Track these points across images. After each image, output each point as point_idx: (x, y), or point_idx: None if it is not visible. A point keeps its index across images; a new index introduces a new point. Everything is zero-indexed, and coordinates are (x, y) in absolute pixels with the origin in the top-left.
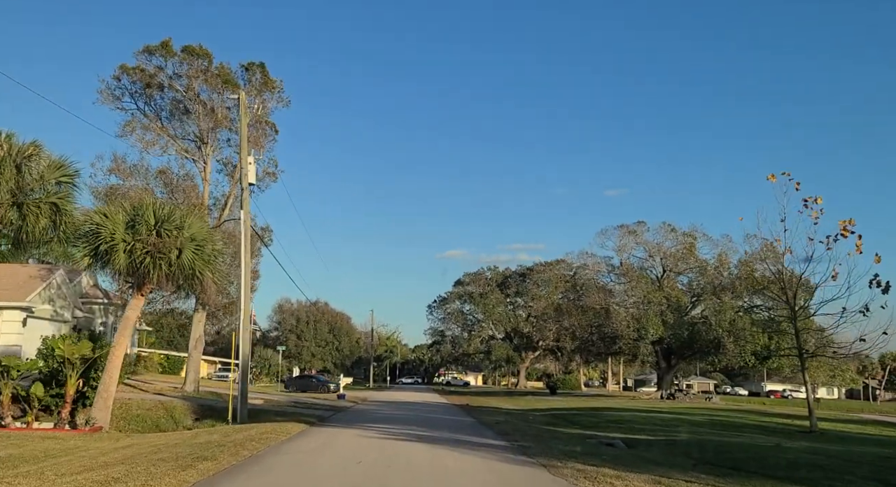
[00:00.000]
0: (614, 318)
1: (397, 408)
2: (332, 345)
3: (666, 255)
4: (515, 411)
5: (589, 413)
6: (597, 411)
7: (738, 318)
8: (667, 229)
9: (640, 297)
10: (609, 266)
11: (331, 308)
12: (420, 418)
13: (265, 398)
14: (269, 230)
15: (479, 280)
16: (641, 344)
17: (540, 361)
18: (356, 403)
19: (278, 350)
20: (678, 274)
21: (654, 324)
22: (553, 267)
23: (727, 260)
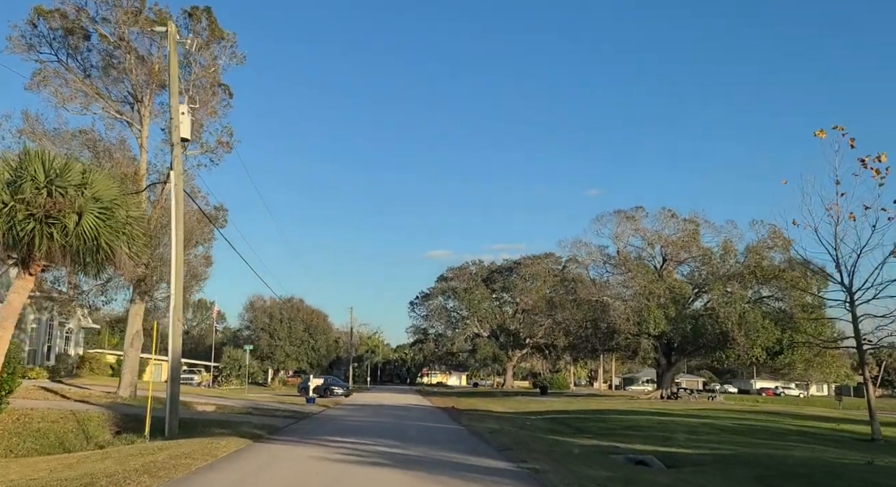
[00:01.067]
0: (612, 312)
1: (373, 413)
2: (308, 344)
3: (666, 243)
4: (509, 415)
5: (594, 418)
6: (601, 414)
7: (749, 310)
8: (667, 215)
9: (640, 288)
10: (605, 255)
11: (306, 305)
12: (398, 427)
13: (221, 403)
14: (223, 210)
15: (464, 274)
16: (642, 340)
17: (526, 359)
18: (326, 408)
19: (245, 349)
20: (679, 264)
21: (657, 318)
22: (541, 260)
23: (733, 248)
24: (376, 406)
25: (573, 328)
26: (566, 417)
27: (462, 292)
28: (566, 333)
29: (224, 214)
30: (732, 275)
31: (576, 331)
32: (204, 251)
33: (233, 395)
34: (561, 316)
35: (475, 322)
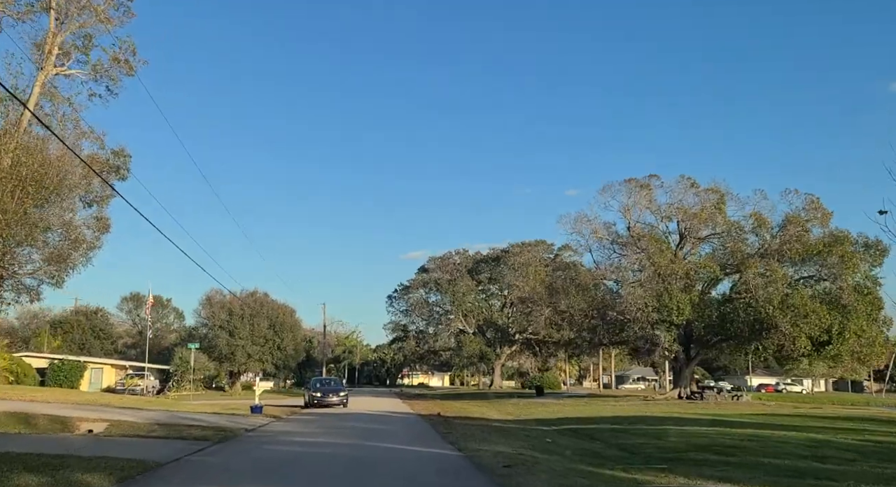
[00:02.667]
0: (626, 297)
1: (333, 429)
2: (273, 343)
3: (686, 216)
4: (512, 425)
5: (636, 431)
6: (637, 424)
7: (793, 292)
8: (685, 184)
9: (659, 269)
10: (612, 233)
11: (271, 299)
12: (357, 462)
13: (121, 419)
14: (123, 155)
15: (447, 265)
16: (662, 330)
17: (514, 358)
18: (274, 419)
19: (189, 348)
20: (701, 241)
21: (681, 303)
22: (532, 247)
23: (768, 221)
24: (344, 415)
25: (578, 317)
26: (592, 429)
27: (445, 284)
28: (570, 323)
29: (126, 162)
30: (769, 252)
31: (580, 321)
32: (96, 211)
33: (162, 405)
34: (565, 304)
35: (460, 317)
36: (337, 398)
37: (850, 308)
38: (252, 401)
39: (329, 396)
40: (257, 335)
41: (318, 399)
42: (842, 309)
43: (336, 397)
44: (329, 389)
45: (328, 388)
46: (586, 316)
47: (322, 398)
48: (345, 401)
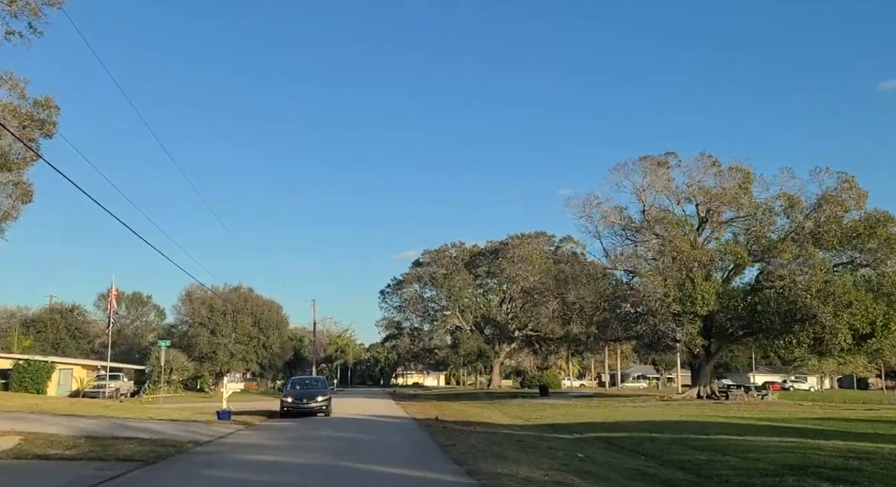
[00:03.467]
0: (643, 287)
1: (308, 441)
2: (258, 342)
3: (708, 197)
4: (524, 431)
5: (682, 440)
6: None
7: (836, 278)
8: (706, 162)
9: (682, 255)
10: (625, 218)
11: (256, 294)
12: None
13: (39, 432)
14: (49, 107)
15: (442, 258)
16: (685, 322)
17: (513, 355)
18: (242, 428)
19: (160, 345)
20: (724, 225)
21: (705, 293)
22: (531, 239)
23: (801, 201)
24: (322, 422)
25: (588, 310)
26: (625, 438)
27: (441, 278)
28: (580, 316)
29: (51, 114)
30: (801, 235)
31: (590, 314)
32: (14, 177)
33: (119, 410)
34: (574, 295)
35: (456, 313)
36: (316, 403)
37: (894, 297)
38: (239, 405)
39: (305, 402)
40: (241, 332)
41: (292, 405)
42: (885, 298)
43: (315, 402)
44: (306, 392)
45: (305, 391)
46: (597, 308)
47: (296, 404)
48: (326, 407)
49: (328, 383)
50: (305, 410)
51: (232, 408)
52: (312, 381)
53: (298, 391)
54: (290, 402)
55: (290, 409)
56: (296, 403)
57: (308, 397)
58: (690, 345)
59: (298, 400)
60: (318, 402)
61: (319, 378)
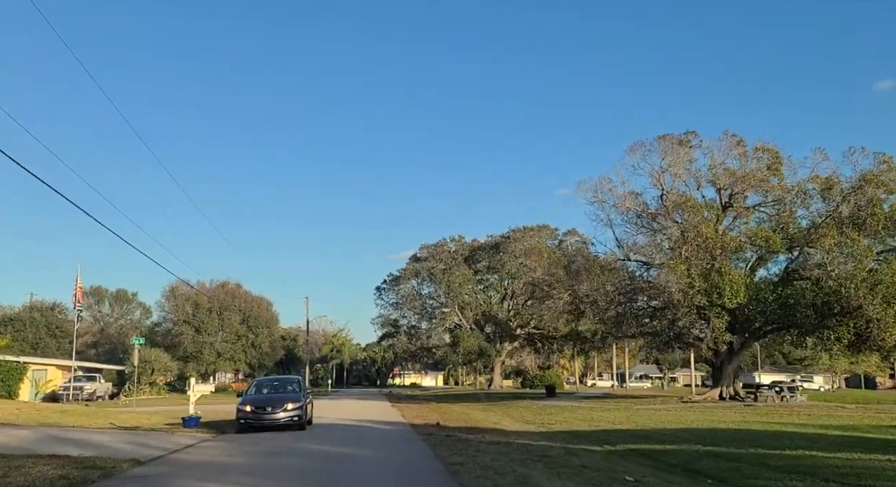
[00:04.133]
0: (664, 277)
1: (275, 459)
2: (246, 340)
3: (734, 180)
4: (542, 440)
5: (751, 457)
6: (732, 441)
7: (884, 266)
8: (730, 142)
9: (708, 242)
10: (640, 204)
11: (244, 290)
12: None
13: None
14: None
15: (441, 253)
16: (710, 317)
17: (514, 355)
18: (207, 439)
19: (133, 343)
20: (750, 210)
21: (735, 284)
22: (534, 233)
23: (839, 182)
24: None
25: (602, 303)
26: (675, 452)
27: (439, 274)
28: (593, 310)
29: None
30: (839, 220)
31: (604, 308)
32: None
33: (70, 417)
34: (588, 287)
35: (455, 310)
36: (285, 413)
37: None
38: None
39: (271, 411)
40: (228, 331)
41: (251, 416)
42: None
43: (283, 411)
44: (272, 399)
45: (271, 397)
46: (611, 301)
47: (258, 415)
48: (299, 418)
49: (303, 385)
50: (270, 422)
51: (201, 413)
52: (283, 383)
53: (262, 396)
54: (248, 412)
55: (250, 422)
56: (257, 413)
57: (274, 404)
58: (717, 342)
59: (261, 409)
60: (289, 412)
61: (293, 378)
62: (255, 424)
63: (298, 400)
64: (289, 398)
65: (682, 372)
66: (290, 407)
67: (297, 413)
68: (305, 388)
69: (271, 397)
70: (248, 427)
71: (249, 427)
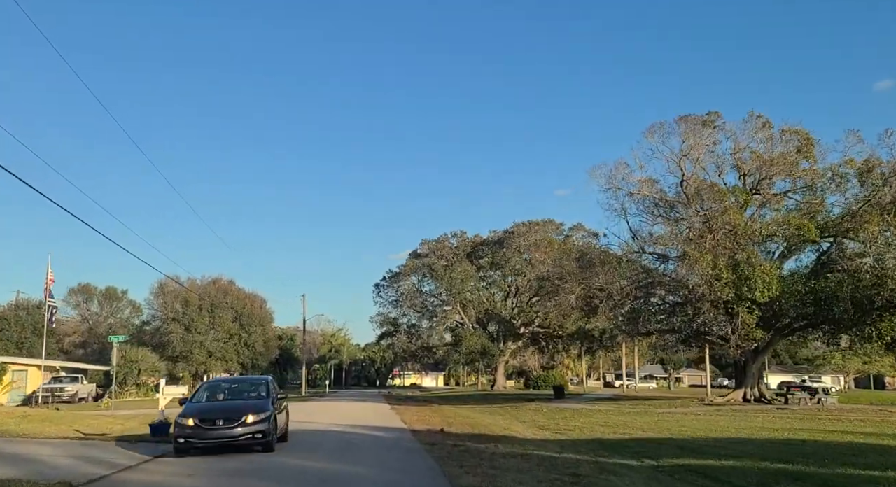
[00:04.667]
0: (690, 268)
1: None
2: (239, 339)
3: (761, 164)
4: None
5: (838, 479)
6: (800, 454)
7: None
8: (755, 124)
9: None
10: (658, 191)
11: (237, 287)
12: None
13: None
14: None
15: (442, 248)
16: (739, 312)
17: (517, 354)
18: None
19: (112, 340)
20: (778, 197)
21: (766, 276)
22: (539, 227)
23: (879, 163)
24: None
25: (617, 297)
26: (744, 471)
27: (440, 270)
28: (609, 304)
29: None
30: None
31: (619, 300)
32: None
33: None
34: (603, 279)
35: (457, 307)
36: (244, 428)
37: None
38: None
39: (222, 425)
40: (220, 329)
41: (191, 434)
42: None
43: (242, 426)
44: (225, 409)
45: (224, 407)
46: (626, 295)
47: (202, 431)
48: (265, 435)
49: (274, 389)
50: (221, 441)
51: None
52: (244, 386)
53: (213, 405)
54: (190, 427)
55: (192, 441)
56: (203, 429)
57: (229, 416)
58: (747, 339)
59: (209, 423)
60: (250, 426)
61: (260, 379)
62: (199, 444)
63: (264, 409)
64: (250, 407)
65: (688, 373)
66: (250, 420)
67: (262, 429)
68: (277, 392)
69: (226, 406)
70: (188, 448)
71: (192, 447)
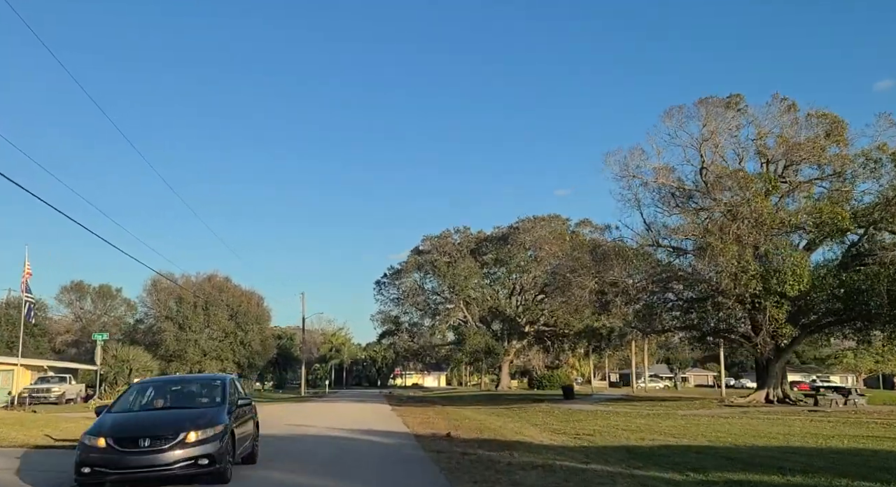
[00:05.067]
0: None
1: None
2: (234, 338)
3: (787, 149)
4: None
5: None
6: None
7: None
8: (780, 107)
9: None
10: (676, 180)
11: (233, 284)
12: None
13: None
14: None
15: (445, 245)
16: (767, 307)
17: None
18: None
19: (95, 338)
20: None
21: (799, 268)
22: (546, 222)
23: None
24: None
25: (632, 291)
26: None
27: (443, 267)
28: (623, 298)
29: None
30: None
31: (634, 296)
32: None
33: None
34: (619, 271)
35: (461, 305)
36: (182, 450)
37: None
38: None
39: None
40: (215, 327)
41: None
42: None
43: (179, 448)
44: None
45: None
46: (642, 290)
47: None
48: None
49: (233, 392)
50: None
51: None
52: (191, 388)
53: (136, 418)
54: (100, 450)
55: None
56: (117, 454)
57: (158, 433)
58: (775, 336)
59: (128, 445)
60: (190, 448)
61: (213, 378)
62: (113, 474)
63: (214, 421)
64: (192, 419)
65: (693, 372)
66: (192, 439)
67: (208, 451)
68: (240, 396)
69: (156, 418)
70: (98, 477)
71: (104, 475)
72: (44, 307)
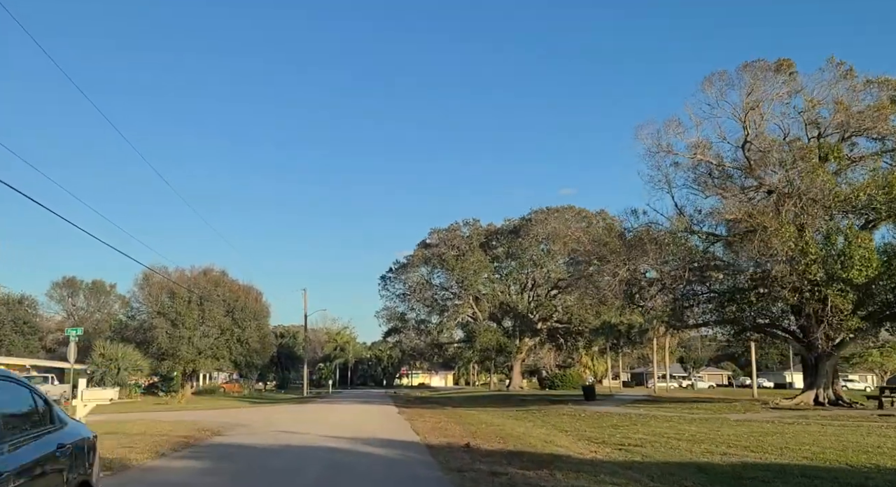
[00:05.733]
0: (767, 240)
1: None
2: (231, 335)
3: (847, 118)
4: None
5: None
6: None
7: None
8: (836, 73)
9: (823, 196)
10: (715, 156)
11: (230, 279)
12: None
13: None
14: None
15: (453, 238)
16: (833, 294)
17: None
18: None
19: (69, 334)
20: (874, 156)
21: (868, 249)
22: (560, 213)
23: None
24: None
25: (668, 279)
26: None
27: (452, 261)
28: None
29: None
30: None
31: (670, 285)
32: None
33: None
34: (654, 258)
35: (470, 301)
36: None
37: None
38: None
39: None
40: (210, 324)
41: None
42: None
43: None
44: None
45: None
46: (678, 279)
47: None
48: None
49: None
50: None
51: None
52: None
53: None
54: None
55: None
56: None
57: None
58: (840, 330)
59: None
60: None
61: None
62: None
63: None
64: None
65: (708, 371)
66: None
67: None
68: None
69: None
70: None
71: None
72: (34, 303)
